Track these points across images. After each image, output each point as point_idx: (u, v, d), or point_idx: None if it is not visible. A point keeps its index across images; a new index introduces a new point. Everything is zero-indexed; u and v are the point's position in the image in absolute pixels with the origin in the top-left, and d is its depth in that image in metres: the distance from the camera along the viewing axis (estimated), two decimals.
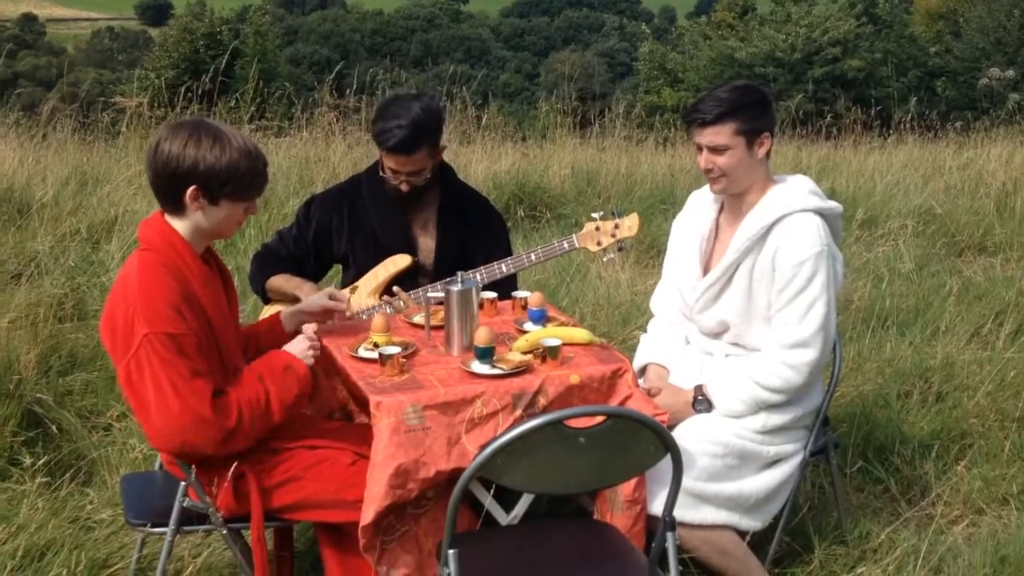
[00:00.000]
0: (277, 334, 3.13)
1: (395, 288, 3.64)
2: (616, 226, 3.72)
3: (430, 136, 3.56)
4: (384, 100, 3.85)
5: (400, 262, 3.69)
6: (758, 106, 3.18)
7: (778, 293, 3.16)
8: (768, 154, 3.23)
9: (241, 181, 2.75)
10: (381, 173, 3.67)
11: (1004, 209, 7.99)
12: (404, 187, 3.62)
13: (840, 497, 3.60)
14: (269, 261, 3.78)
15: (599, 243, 3.72)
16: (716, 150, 3.17)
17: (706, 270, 3.35)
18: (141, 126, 8.44)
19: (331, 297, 3.22)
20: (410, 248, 3.72)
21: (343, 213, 3.75)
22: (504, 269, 3.67)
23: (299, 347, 2.90)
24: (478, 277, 3.57)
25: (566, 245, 3.73)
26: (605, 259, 3.83)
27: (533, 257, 3.71)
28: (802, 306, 3.13)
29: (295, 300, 3.54)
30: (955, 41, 31.69)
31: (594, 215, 3.76)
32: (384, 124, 3.54)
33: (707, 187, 3.35)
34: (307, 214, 3.78)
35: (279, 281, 3.71)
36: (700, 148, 3.21)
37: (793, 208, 3.16)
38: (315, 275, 3.80)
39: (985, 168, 9.21)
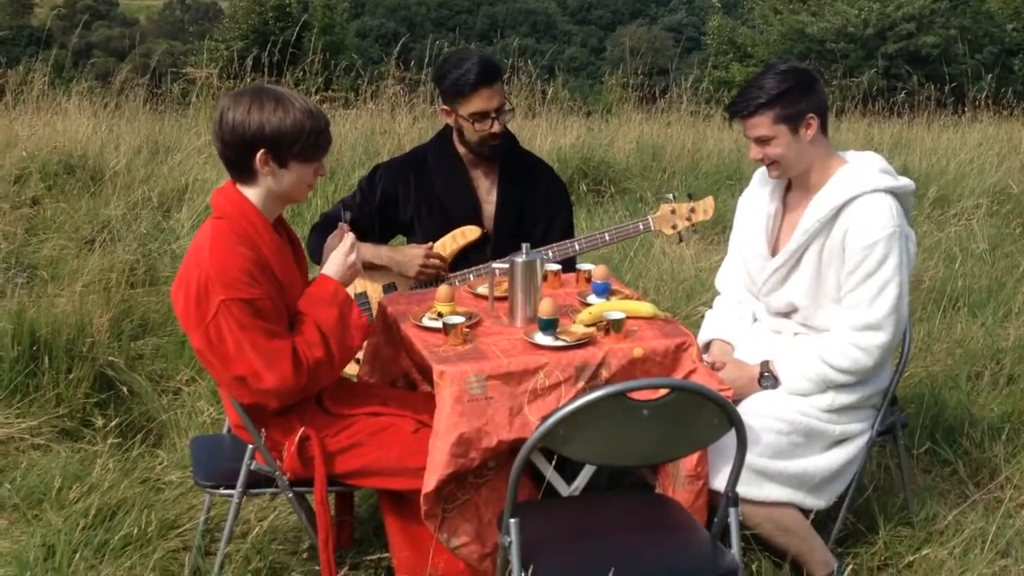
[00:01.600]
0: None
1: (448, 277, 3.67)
2: (692, 210, 3.70)
3: (499, 69, 3.63)
4: (440, 60, 3.88)
5: (470, 234, 3.70)
6: (797, 89, 3.10)
7: (848, 275, 3.10)
8: (824, 132, 3.16)
9: (307, 141, 2.77)
10: (460, 140, 3.67)
11: None
12: (497, 127, 3.61)
13: (907, 478, 3.55)
14: (330, 230, 3.79)
15: (674, 226, 3.71)
16: (761, 141, 3.14)
17: (773, 250, 3.31)
18: (211, 96, 8.55)
19: (427, 256, 3.29)
20: (475, 215, 3.73)
21: (409, 181, 3.76)
22: (577, 248, 3.66)
23: (339, 270, 2.90)
24: (550, 254, 3.56)
25: (641, 227, 3.72)
26: (678, 243, 3.80)
27: (607, 237, 3.70)
28: (873, 288, 3.07)
29: (368, 268, 3.58)
30: None
31: (668, 196, 3.73)
32: (456, 71, 3.58)
33: None
34: (372, 182, 3.80)
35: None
36: (749, 139, 3.18)
37: (864, 188, 3.10)
38: (379, 241, 3.81)
39: None
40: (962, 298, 5.40)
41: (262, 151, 2.75)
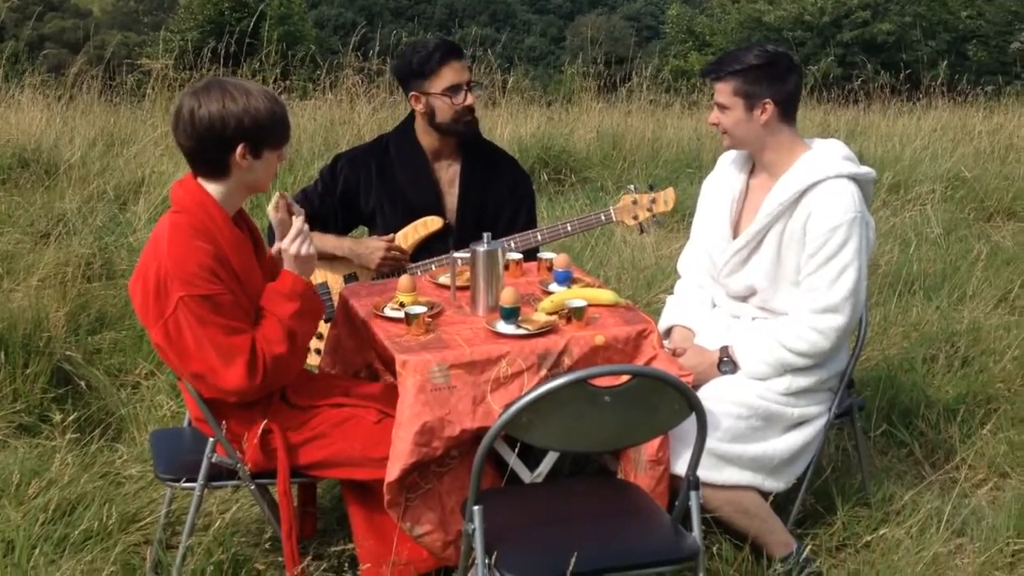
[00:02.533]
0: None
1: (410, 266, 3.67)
2: (653, 200, 3.74)
3: (461, 48, 3.69)
4: (399, 53, 3.93)
5: (431, 224, 3.70)
6: (765, 71, 3.14)
7: (808, 258, 3.14)
8: (785, 120, 3.19)
9: (278, 126, 2.77)
10: (431, 125, 3.66)
11: None
12: (471, 99, 3.63)
13: (864, 460, 3.60)
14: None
15: (635, 217, 3.74)
16: (720, 106, 3.21)
17: (735, 233, 3.34)
18: (166, 88, 8.45)
19: (388, 248, 3.32)
20: (438, 206, 3.72)
21: (371, 170, 3.75)
22: (539, 238, 3.68)
23: (292, 266, 2.86)
24: (512, 244, 3.57)
25: (603, 218, 3.75)
26: (639, 233, 3.84)
27: (569, 227, 3.72)
28: (832, 271, 3.11)
29: (328, 258, 3.57)
30: (987, 5, 31.13)
31: (630, 187, 3.77)
32: (422, 51, 3.62)
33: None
34: (334, 171, 3.78)
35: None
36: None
37: (827, 174, 3.14)
38: (341, 232, 3.80)
39: (1016, 133, 9.12)
40: (917, 282, 5.48)
41: (242, 145, 2.72)
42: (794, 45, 26.57)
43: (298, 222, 2.87)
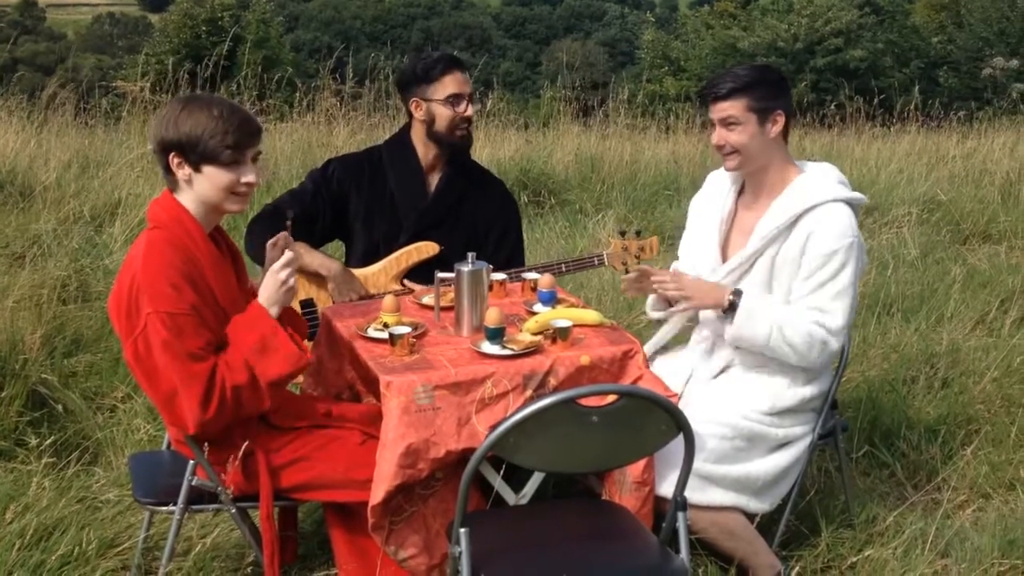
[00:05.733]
0: (299, 322, 3.10)
1: (405, 282, 3.65)
2: (641, 248, 3.89)
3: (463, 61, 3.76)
4: (403, 64, 4.03)
5: (425, 250, 3.69)
6: (773, 85, 3.17)
7: (803, 280, 3.12)
8: (785, 135, 3.21)
9: (216, 144, 2.73)
10: (429, 133, 3.69)
11: (1008, 197, 8.01)
12: (471, 110, 3.68)
13: (847, 481, 3.60)
14: (279, 220, 3.68)
15: (624, 263, 3.88)
16: (727, 123, 3.15)
17: (723, 255, 3.32)
18: (142, 110, 8.42)
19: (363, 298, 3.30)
20: (424, 215, 3.74)
21: (363, 174, 3.76)
22: (534, 275, 3.68)
23: (272, 293, 2.81)
24: (506, 276, 3.55)
25: (596, 261, 3.88)
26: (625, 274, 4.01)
27: (564, 268, 3.83)
28: (827, 295, 3.09)
29: (312, 275, 3.55)
30: (958, 31, 31.58)
31: (619, 234, 3.93)
32: (427, 60, 3.70)
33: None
34: (325, 173, 3.77)
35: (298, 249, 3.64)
36: (714, 124, 3.19)
37: (825, 198, 3.13)
38: (324, 237, 3.78)
39: (989, 157, 9.21)
40: (896, 304, 5.51)
41: (173, 154, 2.75)
42: None
43: (291, 254, 2.85)
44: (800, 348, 3.09)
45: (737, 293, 3.15)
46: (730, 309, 3.14)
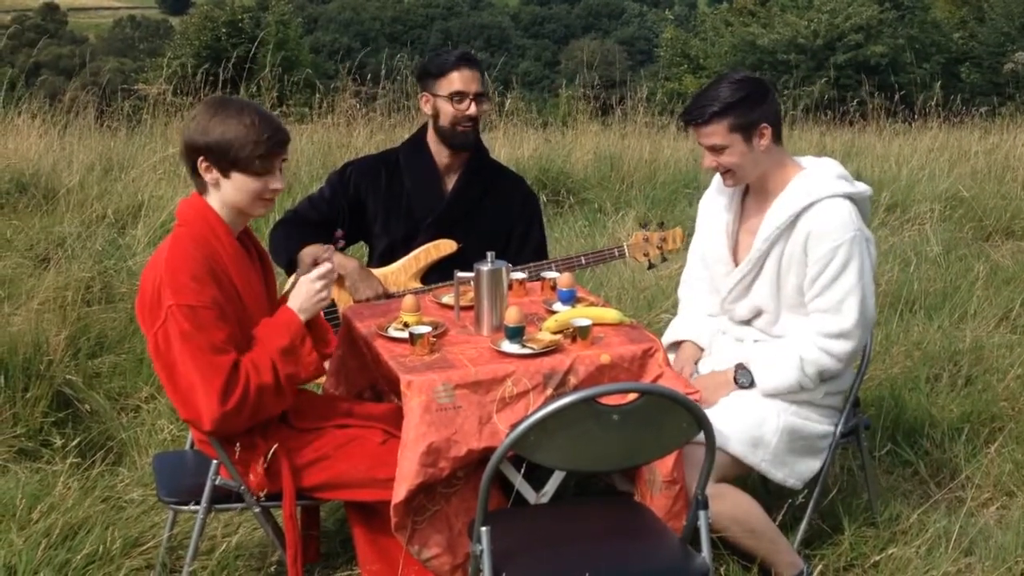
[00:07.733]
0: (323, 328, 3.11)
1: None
2: (663, 239, 3.86)
3: (479, 61, 3.76)
4: (424, 58, 4.04)
5: (444, 247, 3.71)
6: (751, 98, 3.10)
7: (812, 282, 3.11)
8: (778, 140, 3.18)
9: (240, 152, 2.75)
10: (435, 129, 3.71)
11: None
12: (473, 109, 3.68)
13: (870, 479, 3.58)
14: (300, 226, 3.72)
15: (646, 254, 3.86)
16: (715, 149, 3.13)
17: (735, 257, 3.32)
18: (164, 113, 8.47)
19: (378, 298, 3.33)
20: (442, 217, 3.75)
21: (380, 176, 3.78)
22: (554, 268, 3.69)
23: (304, 300, 2.85)
24: (526, 275, 3.56)
25: (616, 253, 3.86)
26: (648, 268, 3.97)
27: (583, 260, 3.81)
28: (837, 294, 3.08)
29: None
30: (979, 26, 31.39)
31: (640, 226, 3.91)
32: (441, 55, 3.73)
33: None
34: (343, 177, 3.80)
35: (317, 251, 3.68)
36: (703, 147, 3.20)
37: (822, 194, 3.12)
38: (345, 240, 3.78)
39: (1012, 153, 9.14)
40: (918, 301, 5.47)
41: (201, 158, 2.78)
42: (789, 68, 26.74)
43: (329, 265, 2.90)
44: (824, 373, 3.13)
45: (738, 365, 3.20)
46: (741, 374, 3.19)
